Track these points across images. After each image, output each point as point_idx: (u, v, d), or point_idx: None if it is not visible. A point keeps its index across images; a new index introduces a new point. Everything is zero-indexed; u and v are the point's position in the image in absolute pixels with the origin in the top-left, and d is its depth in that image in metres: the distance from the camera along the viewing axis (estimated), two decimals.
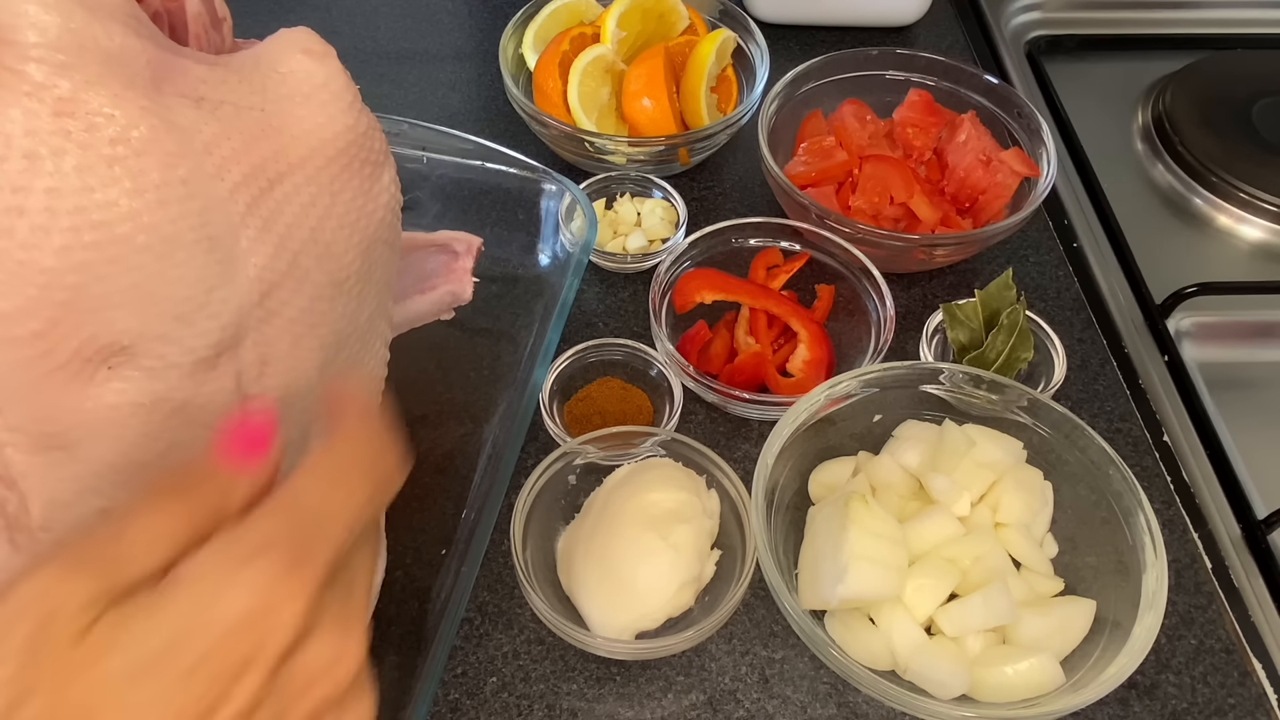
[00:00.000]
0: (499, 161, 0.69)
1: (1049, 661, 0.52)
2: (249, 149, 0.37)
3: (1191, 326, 0.78)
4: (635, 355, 0.67)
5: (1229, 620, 0.60)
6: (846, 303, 0.71)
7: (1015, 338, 0.64)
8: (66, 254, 0.33)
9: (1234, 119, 0.92)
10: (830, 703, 0.56)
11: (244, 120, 0.37)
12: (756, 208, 0.81)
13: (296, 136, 0.39)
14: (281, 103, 0.39)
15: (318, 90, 0.40)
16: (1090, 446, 0.58)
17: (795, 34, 0.96)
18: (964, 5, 1.02)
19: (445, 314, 0.64)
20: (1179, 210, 0.88)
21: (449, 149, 0.69)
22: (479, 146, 0.69)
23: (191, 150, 0.35)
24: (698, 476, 0.59)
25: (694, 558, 0.55)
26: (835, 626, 0.55)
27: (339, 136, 0.41)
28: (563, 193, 0.67)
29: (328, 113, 0.40)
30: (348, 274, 0.42)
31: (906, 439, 0.61)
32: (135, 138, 0.33)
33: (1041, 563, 0.57)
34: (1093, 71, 1.00)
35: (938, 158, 0.78)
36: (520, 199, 0.70)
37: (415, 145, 0.69)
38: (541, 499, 0.59)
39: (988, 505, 0.58)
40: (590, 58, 0.78)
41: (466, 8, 0.99)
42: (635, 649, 0.54)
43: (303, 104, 0.39)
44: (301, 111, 0.39)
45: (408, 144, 0.68)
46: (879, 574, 0.52)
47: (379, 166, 0.43)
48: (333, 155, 0.40)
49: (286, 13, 0.97)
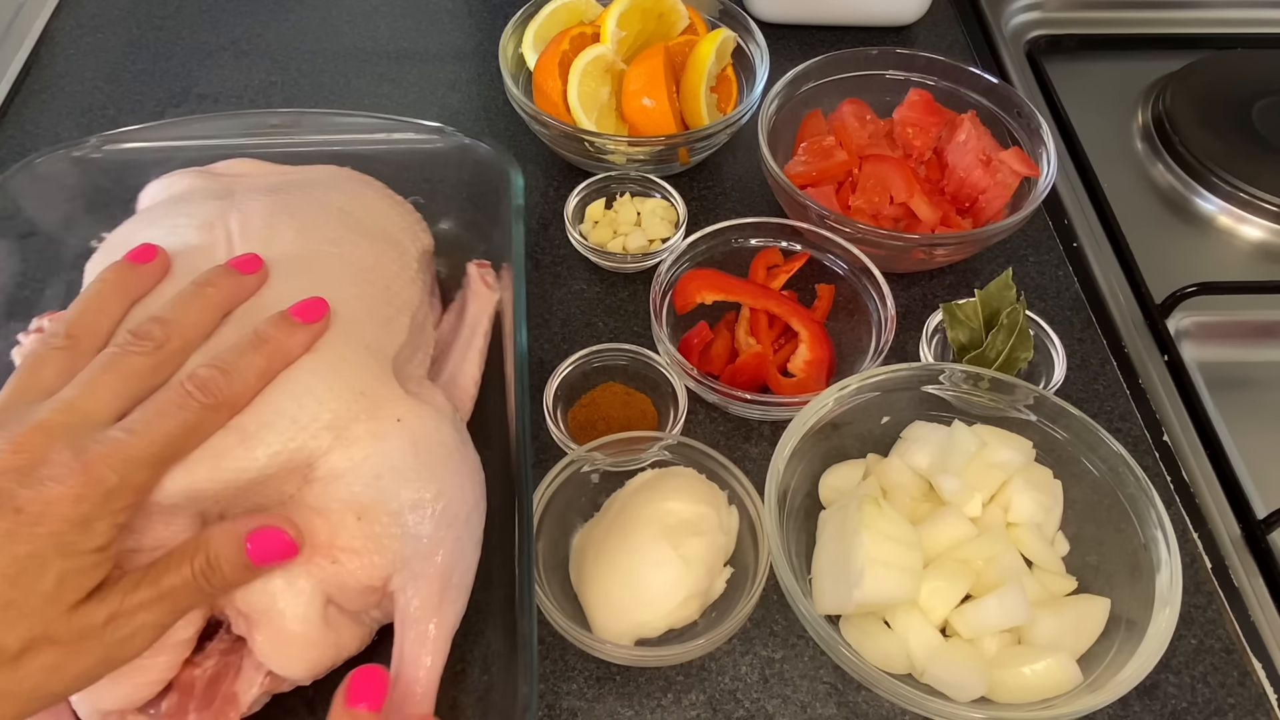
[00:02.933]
0: (402, 130, 0.69)
1: (1066, 661, 0.52)
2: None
3: (1191, 326, 0.78)
4: (637, 359, 0.67)
5: (1229, 620, 0.60)
6: (846, 303, 0.71)
7: (1015, 337, 0.64)
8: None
9: (1234, 119, 0.92)
10: (830, 702, 0.56)
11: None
12: (756, 208, 0.81)
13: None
14: None
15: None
16: (1099, 444, 0.58)
17: (795, 34, 0.96)
18: (964, 5, 1.02)
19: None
20: (1179, 210, 0.88)
21: (353, 128, 0.70)
22: (381, 120, 0.69)
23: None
24: (720, 491, 0.59)
25: (703, 572, 0.55)
26: (850, 631, 0.55)
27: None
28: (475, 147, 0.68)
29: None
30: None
31: (915, 440, 0.61)
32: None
33: (1054, 562, 0.57)
34: (1093, 71, 1.00)
35: (938, 158, 0.78)
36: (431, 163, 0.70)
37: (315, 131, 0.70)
38: (558, 497, 0.58)
39: (999, 505, 0.58)
40: (590, 57, 0.78)
41: (466, 8, 0.99)
42: (636, 655, 0.54)
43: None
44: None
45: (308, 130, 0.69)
46: (895, 578, 0.52)
47: None
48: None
49: (286, 12, 0.97)
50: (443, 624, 0.50)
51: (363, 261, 0.59)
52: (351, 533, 0.49)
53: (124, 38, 0.94)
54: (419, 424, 0.52)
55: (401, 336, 0.57)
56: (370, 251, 0.60)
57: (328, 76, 0.91)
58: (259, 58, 0.92)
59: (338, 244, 0.59)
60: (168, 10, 0.97)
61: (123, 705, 0.48)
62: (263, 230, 0.57)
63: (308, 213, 0.60)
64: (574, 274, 0.76)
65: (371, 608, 0.52)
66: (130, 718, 0.49)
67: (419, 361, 0.60)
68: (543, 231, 0.78)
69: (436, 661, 0.50)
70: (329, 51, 0.93)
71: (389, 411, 0.52)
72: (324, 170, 0.66)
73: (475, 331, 0.65)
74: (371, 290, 0.58)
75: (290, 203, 0.60)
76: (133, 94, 0.88)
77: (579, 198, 0.76)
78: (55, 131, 0.85)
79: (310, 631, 0.49)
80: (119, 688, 0.47)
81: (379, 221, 0.63)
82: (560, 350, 0.68)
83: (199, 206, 0.59)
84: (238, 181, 0.64)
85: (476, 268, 0.67)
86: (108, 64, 0.91)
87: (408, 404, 0.53)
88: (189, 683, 0.50)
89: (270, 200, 0.60)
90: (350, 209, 0.62)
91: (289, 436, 0.49)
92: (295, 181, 0.64)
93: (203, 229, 0.57)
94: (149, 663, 0.47)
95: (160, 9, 0.97)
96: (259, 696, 0.50)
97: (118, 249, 0.56)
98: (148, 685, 0.48)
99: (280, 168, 0.67)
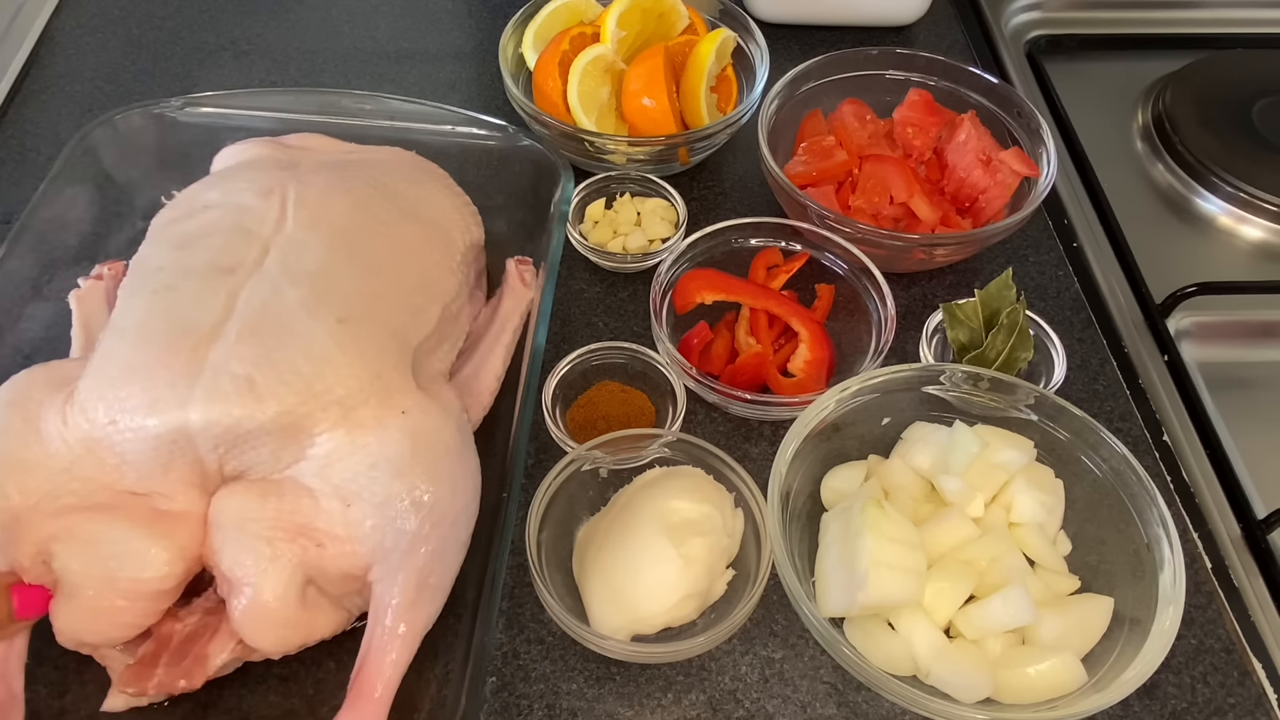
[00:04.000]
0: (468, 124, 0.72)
1: (1070, 660, 0.52)
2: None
3: (1191, 326, 0.78)
4: (635, 358, 0.67)
5: (1229, 620, 0.60)
6: (847, 303, 0.71)
7: (1015, 337, 0.64)
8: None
9: (1234, 119, 0.92)
10: (830, 702, 0.56)
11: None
12: (756, 208, 0.81)
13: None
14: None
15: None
16: (1101, 444, 0.58)
17: (795, 34, 0.96)
18: (964, 5, 1.02)
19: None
20: (1179, 210, 0.88)
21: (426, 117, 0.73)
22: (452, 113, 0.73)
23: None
24: (726, 494, 0.58)
25: (704, 572, 0.55)
26: (854, 633, 0.55)
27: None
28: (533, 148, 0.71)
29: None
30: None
31: (916, 441, 0.61)
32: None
33: (1057, 561, 0.57)
34: (1093, 71, 1.00)
35: (938, 157, 0.77)
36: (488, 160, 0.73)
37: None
38: (561, 494, 0.58)
39: (1001, 505, 0.58)
40: (590, 57, 0.78)
41: (466, 8, 0.99)
42: (632, 650, 0.54)
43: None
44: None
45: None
46: (899, 579, 0.52)
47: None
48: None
49: (286, 12, 0.97)
50: (414, 623, 0.51)
51: (407, 245, 0.61)
52: (337, 519, 0.50)
53: (124, 38, 0.94)
54: (423, 419, 0.53)
55: (428, 327, 0.59)
56: (416, 236, 0.62)
57: (328, 76, 0.91)
58: (259, 58, 0.92)
59: (385, 225, 0.61)
60: (168, 10, 0.97)
61: (97, 640, 0.50)
62: (317, 203, 0.60)
63: (362, 191, 0.62)
64: (574, 274, 0.76)
65: (352, 594, 0.53)
66: (105, 653, 0.52)
67: (444, 353, 0.62)
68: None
69: (401, 659, 0.50)
70: (329, 51, 0.93)
71: (397, 402, 0.53)
72: (389, 152, 0.69)
73: (505, 327, 0.66)
74: (408, 276, 0.60)
75: (348, 179, 0.63)
76: (133, 94, 0.88)
77: (579, 198, 0.76)
78: (55, 131, 0.85)
79: (285, 610, 0.50)
80: (98, 623, 0.49)
81: (430, 210, 0.65)
82: (560, 350, 0.68)
83: (263, 174, 0.62)
84: (304, 154, 0.67)
85: (516, 264, 0.69)
86: (108, 64, 0.91)
87: (416, 398, 0.54)
88: (167, 635, 0.52)
89: (330, 175, 0.63)
90: (405, 193, 0.64)
91: (301, 400, 0.51)
92: (358, 161, 0.66)
93: (260, 194, 0.60)
94: (127, 605, 0.49)
95: (160, 9, 0.97)
96: (229, 661, 0.52)
97: (181, 209, 0.61)
98: (124, 627, 0.50)
99: (347, 145, 0.70)
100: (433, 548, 0.51)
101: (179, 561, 0.50)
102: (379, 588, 0.51)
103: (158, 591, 0.50)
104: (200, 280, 0.55)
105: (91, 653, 0.52)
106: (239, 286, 0.54)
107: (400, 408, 0.53)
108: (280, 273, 0.55)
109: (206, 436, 0.50)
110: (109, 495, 0.51)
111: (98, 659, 0.52)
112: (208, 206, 0.60)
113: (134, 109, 0.71)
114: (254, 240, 0.57)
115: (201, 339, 0.52)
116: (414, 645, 0.51)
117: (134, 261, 0.59)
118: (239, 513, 0.50)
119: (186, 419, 0.49)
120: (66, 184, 0.68)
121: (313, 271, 0.55)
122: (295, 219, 0.58)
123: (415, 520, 0.51)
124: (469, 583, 0.54)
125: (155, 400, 0.50)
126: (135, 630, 0.50)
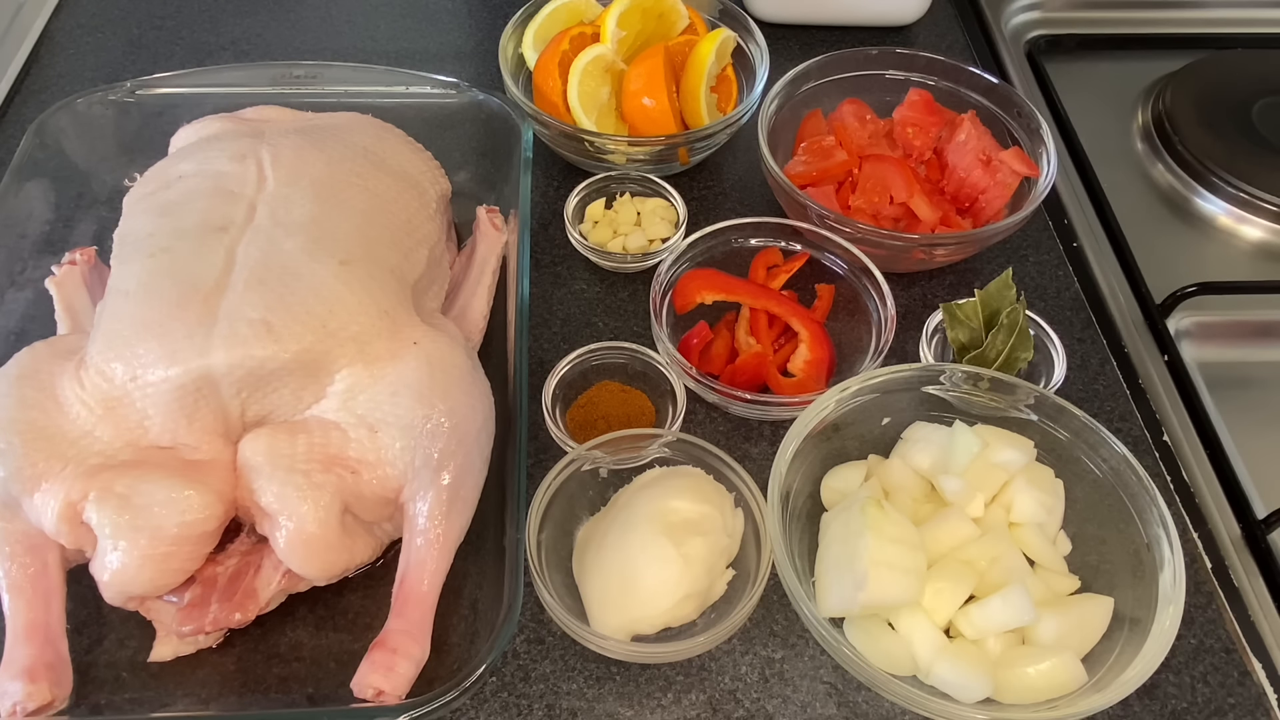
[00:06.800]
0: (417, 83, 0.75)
1: (1070, 660, 0.52)
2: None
3: (1191, 326, 0.78)
4: (635, 358, 0.67)
5: (1229, 620, 0.60)
6: (847, 302, 0.71)
7: (1015, 337, 0.64)
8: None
9: (1234, 119, 0.92)
10: (830, 702, 0.56)
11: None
12: (756, 208, 0.81)
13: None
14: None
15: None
16: (1101, 444, 0.58)
17: (795, 34, 0.96)
18: (964, 5, 1.02)
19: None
20: (1179, 210, 0.88)
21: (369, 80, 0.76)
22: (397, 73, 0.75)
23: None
24: (726, 494, 0.58)
25: (703, 572, 0.55)
26: (854, 633, 0.54)
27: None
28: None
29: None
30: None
31: (916, 441, 0.61)
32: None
33: (1057, 561, 0.57)
34: (1093, 71, 1.00)
35: (938, 157, 0.78)
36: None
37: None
38: (560, 495, 0.59)
39: (1001, 505, 0.58)
40: (590, 57, 0.78)
41: (466, 8, 0.99)
42: (631, 650, 0.54)
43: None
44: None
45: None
46: (899, 579, 0.52)
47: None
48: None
49: (286, 12, 0.97)
50: (449, 534, 0.54)
51: (386, 195, 0.63)
52: (367, 445, 0.53)
53: (124, 38, 0.94)
54: (434, 348, 0.56)
55: (420, 268, 0.62)
56: (393, 187, 0.64)
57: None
58: (259, 58, 0.92)
59: (362, 178, 0.63)
60: (168, 10, 0.97)
61: (147, 590, 0.51)
62: (292, 161, 0.62)
63: (334, 149, 0.64)
64: (574, 274, 0.76)
65: (384, 520, 0.56)
66: (152, 603, 0.53)
67: (434, 294, 0.65)
68: (543, 231, 0.78)
69: (440, 567, 0.53)
70: (329, 51, 0.93)
71: (407, 335, 0.56)
72: (348, 116, 0.70)
73: (484, 270, 0.68)
74: (394, 221, 0.62)
75: (318, 140, 0.65)
76: None
77: (579, 198, 0.76)
78: None
79: (328, 535, 0.52)
80: (144, 572, 0.50)
81: (401, 163, 0.67)
82: (560, 350, 0.68)
83: (232, 142, 0.64)
84: (267, 125, 0.68)
85: (486, 212, 0.72)
86: (108, 64, 0.91)
87: (424, 329, 0.57)
88: (211, 578, 0.54)
89: (298, 138, 0.64)
90: (374, 149, 0.66)
91: (318, 339, 0.53)
92: (321, 125, 0.68)
93: (235, 159, 0.62)
94: (176, 550, 0.50)
95: (160, 9, 0.97)
96: (276, 594, 0.54)
97: (154, 183, 0.62)
98: (172, 573, 0.51)
99: (306, 114, 0.72)
100: (460, 461, 0.54)
101: (218, 503, 0.52)
102: (412, 506, 0.53)
103: (203, 534, 0.51)
104: (195, 240, 0.56)
105: (138, 606, 0.53)
106: (234, 243, 0.56)
107: (411, 339, 0.56)
108: (273, 226, 0.57)
109: (230, 381, 0.52)
110: (135, 452, 0.52)
111: (143, 612, 0.54)
112: (183, 176, 0.61)
113: (90, 93, 0.72)
114: (239, 200, 0.59)
115: (210, 292, 0.54)
116: (450, 555, 0.54)
117: (118, 235, 0.60)
118: (271, 451, 0.52)
119: (209, 366, 0.51)
120: (28, 176, 0.69)
121: (305, 222, 0.58)
122: (275, 177, 0.60)
123: (441, 439, 0.53)
124: (490, 495, 0.57)
125: (174, 352, 0.51)
126: (183, 575, 0.52)
